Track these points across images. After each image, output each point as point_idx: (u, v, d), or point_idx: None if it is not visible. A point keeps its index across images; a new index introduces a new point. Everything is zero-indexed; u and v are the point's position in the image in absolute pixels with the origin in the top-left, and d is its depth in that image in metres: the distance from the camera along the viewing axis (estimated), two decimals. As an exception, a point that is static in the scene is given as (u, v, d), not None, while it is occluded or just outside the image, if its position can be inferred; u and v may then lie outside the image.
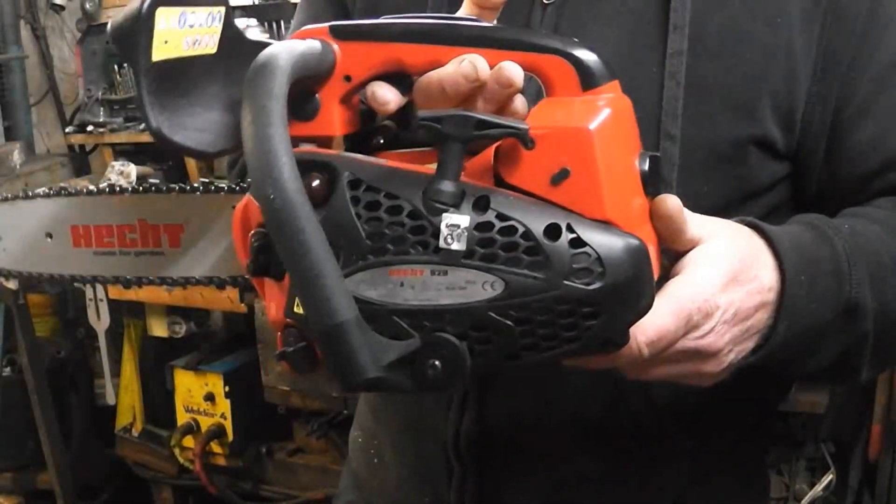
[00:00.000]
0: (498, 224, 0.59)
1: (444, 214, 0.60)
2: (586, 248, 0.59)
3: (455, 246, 0.60)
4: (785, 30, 0.80)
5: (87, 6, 3.10)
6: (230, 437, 2.51)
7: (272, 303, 0.65)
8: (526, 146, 0.60)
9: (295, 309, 0.63)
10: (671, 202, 0.64)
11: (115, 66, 2.90)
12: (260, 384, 2.39)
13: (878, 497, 2.03)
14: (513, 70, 0.63)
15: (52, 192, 0.91)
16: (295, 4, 2.84)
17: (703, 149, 0.80)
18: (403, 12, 0.70)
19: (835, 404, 1.99)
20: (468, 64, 0.63)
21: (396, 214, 0.60)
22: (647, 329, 0.64)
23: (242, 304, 2.30)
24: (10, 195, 0.94)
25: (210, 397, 2.50)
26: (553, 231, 0.59)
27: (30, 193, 0.92)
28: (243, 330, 2.62)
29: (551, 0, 0.85)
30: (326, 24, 0.65)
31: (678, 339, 0.66)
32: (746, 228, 0.73)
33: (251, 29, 2.78)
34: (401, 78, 0.66)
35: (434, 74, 0.65)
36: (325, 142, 0.67)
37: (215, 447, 2.53)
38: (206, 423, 2.53)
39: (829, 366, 0.77)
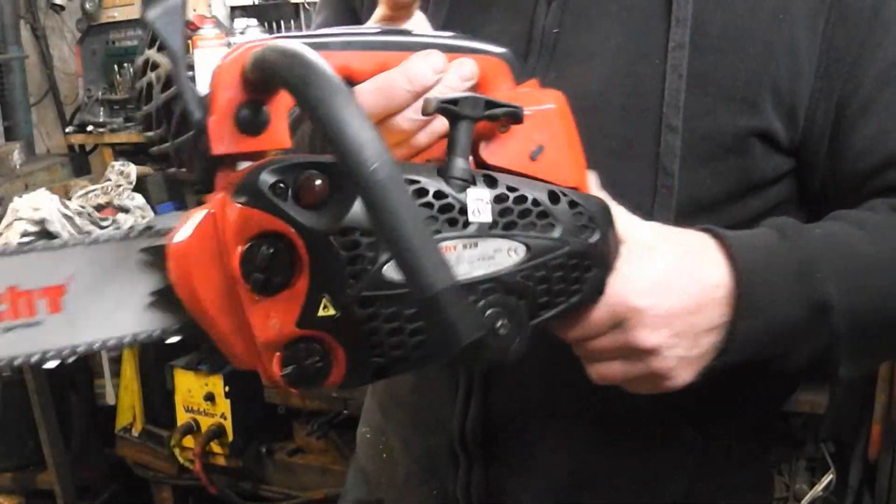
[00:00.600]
0: (510, 195, 0.65)
1: (469, 189, 0.64)
2: (580, 208, 0.68)
3: (482, 218, 0.64)
4: (788, 25, 0.80)
5: (87, 6, 3.10)
6: (230, 437, 2.51)
7: (273, 320, 0.60)
8: (520, 122, 0.67)
9: (321, 313, 0.60)
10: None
11: (115, 66, 2.90)
12: (260, 384, 2.38)
13: (878, 497, 2.03)
14: (472, 65, 0.70)
15: None
16: (295, 5, 2.85)
17: (704, 140, 0.81)
18: None
19: (835, 404, 1.99)
20: (437, 56, 0.68)
21: (423, 196, 0.62)
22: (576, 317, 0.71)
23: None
24: None
25: (210, 397, 2.50)
26: (554, 197, 0.67)
27: None
28: (243, 330, 2.62)
29: None
30: (273, 36, 0.65)
31: (604, 331, 0.71)
32: (697, 232, 0.76)
33: (251, 29, 2.78)
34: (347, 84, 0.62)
35: (398, 70, 0.67)
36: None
37: (215, 447, 2.53)
38: (206, 423, 2.53)
39: (804, 365, 0.78)
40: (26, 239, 0.72)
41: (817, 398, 1.90)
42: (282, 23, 2.87)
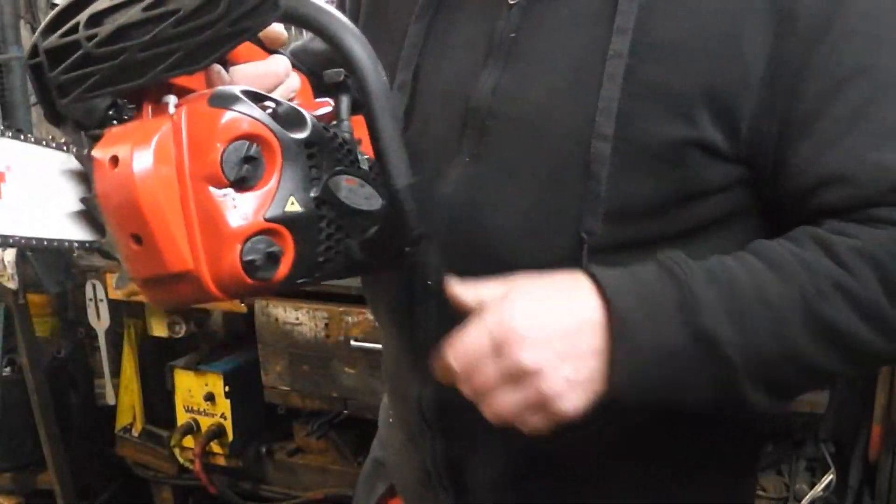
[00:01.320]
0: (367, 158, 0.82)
1: (357, 146, 0.82)
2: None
3: (365, 167, 0.81)
4: (735, 36, 0.80)
5: (87, 6, 3.10)
6: (230, 437, 2.51)
7: (243, 212, 0.70)
8: None
9: (288, 208, 0.72)
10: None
11: (115, 66, 2.90)
12: (260, 384, 2.39)
13: (878, 497, 2.03)
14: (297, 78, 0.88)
15: None
16: (295, 4, 2.84)
17: (638, 149, 0.82)
18: (403, 12, 0.96)
19: (835, 404, 1.99)
20: (284, 61, 0.85)
21: (340, 141, 0.79)
22: (456, 345, 0.75)
23: (242, 305, 2.31)
24: None
25: (210, 397, 2.50)
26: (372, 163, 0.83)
27: None
28: (243, 330, 2.62)
29: (516, 1, 0.90)
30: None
31: (486, 356, 0.74)
32: (567, 274, 0.79)
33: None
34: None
35: (251, 66, 0.82)
36: None
37: (215, 447, 2.53)
38: (206, 423, 2.53)
39: (710, 400, 0.78)
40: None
41: (817, 398, 1.90)
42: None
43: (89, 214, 0.77)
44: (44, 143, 0.77)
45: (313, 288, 2.07)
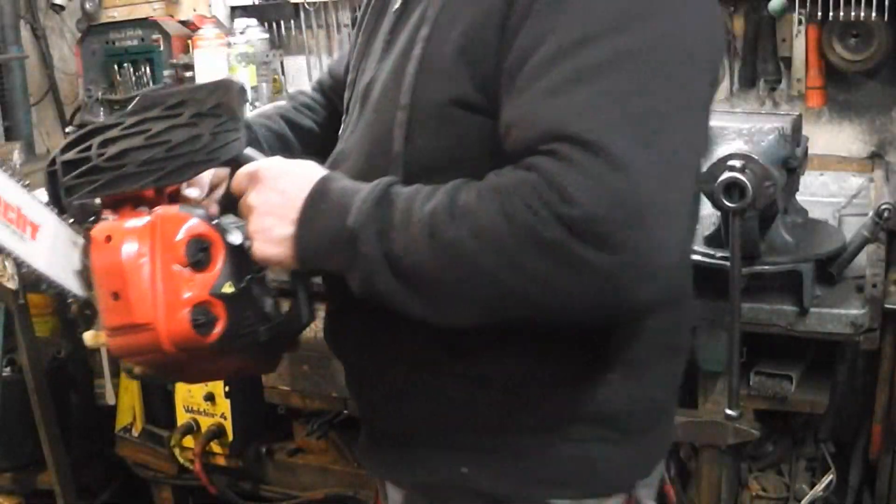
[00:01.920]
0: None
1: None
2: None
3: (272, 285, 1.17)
4: (485, 13, 1.01)
5: (87, 6, 3.09)
6: (230, 437, 2.51)
7: (194, 288, 1.01)
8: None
9: (224, 289, 1.04)
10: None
11: (115, 66, 2.90)
12: (260, 384, 2.39)
13: (878, 497, 2.03)
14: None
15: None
16: (295, 5, 2.85)
17: (424, 113, 1.07)
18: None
19: (835, 404, 1.99)
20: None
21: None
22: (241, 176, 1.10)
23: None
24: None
25: (210, 397, 2.50)
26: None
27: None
28: (243, 330, 2.62)
29: (395, 8, 1.19)
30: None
31: (243, 187, 1.08)
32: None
33: (251, 29, 2.77)
34: None
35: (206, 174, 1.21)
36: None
37: (215, 447, 2.53)
38: (206, 423, 2.52)
39: (358, 287, 1.00)
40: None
41: (817, 398, 1.90)
42: (282, 23, 2.87)
43: (84, 274, 1.10)
44: (63, 217, 1.12)
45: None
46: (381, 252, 0.97)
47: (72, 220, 1.10)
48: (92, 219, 1.08)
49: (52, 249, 1.10)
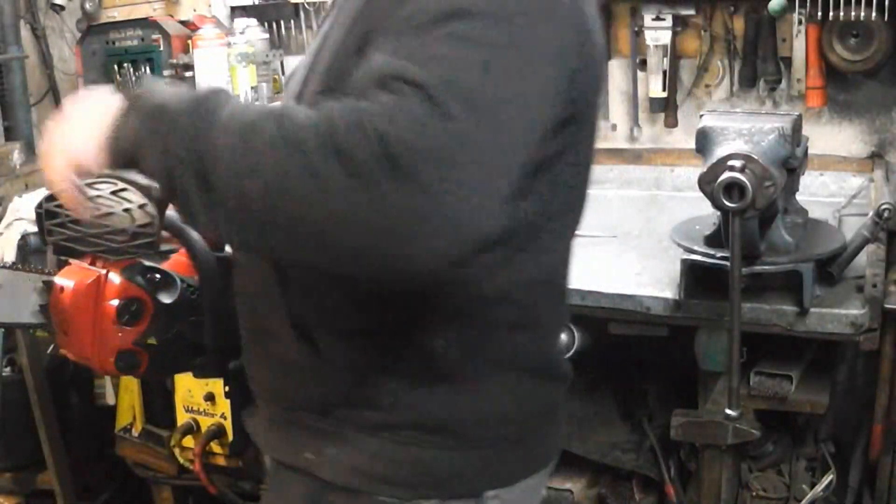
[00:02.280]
0: None
1: None
2: None
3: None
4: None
5: (87, 6, 3.10)
6: (230, 437, 2.51)
7: (121, 338, 1.23)
8: None
9: (149, 341, 1.25)
10: None
11: (115, 66, 2.90)
12: (260, 384, 2.39)
13: (878, 497, 2.03)
14: None
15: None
16: (295, 5, 2.85)
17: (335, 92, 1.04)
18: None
19: (835, 404, 1.99)
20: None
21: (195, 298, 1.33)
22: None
23: (242, 304, 2.30)
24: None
25: (210, 397, 2.50)
26: None
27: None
28: (243, 330, 2.62)
29: (330, 11, 1.23)
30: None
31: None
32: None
33: (251, 29, 2.78)
34: None
35: None
36: None
37: (215, 447, 2.53)
38: (206, 423, 2.52)
39: (163, 171, 0.98)
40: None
41: (817, 398, 1.90)
42: (282, 23, 2.87)
43: (44, 309, 1.33)
44: (25, 269, 1.40)
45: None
46: (191, 126, 0.95)
47: (56, 254, 1.28)
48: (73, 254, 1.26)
49: (11, 300, 1.37)
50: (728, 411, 1.71)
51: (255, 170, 0.91)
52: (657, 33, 2.51)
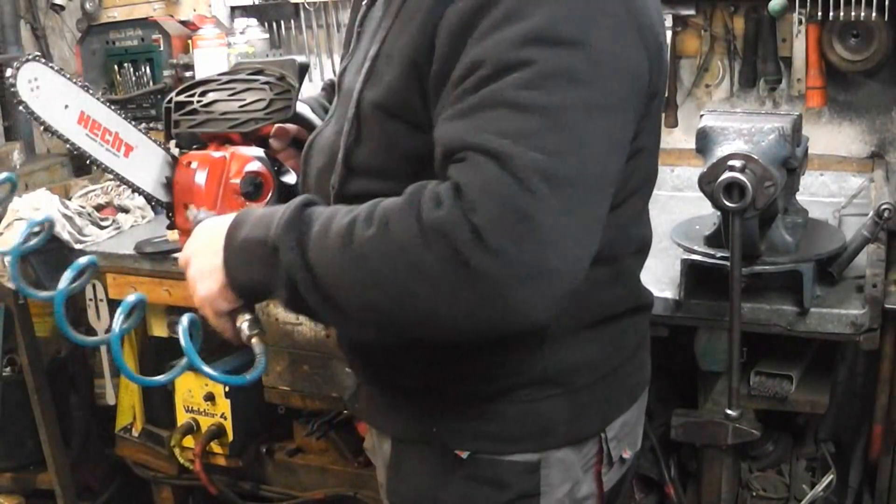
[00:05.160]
0: None
1: None
2: None
3: None
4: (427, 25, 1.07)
5: (87, 6, 3.09)
6: (230, 437, 2.51)
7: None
8: None
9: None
10: None
11: (115, 66, 2.90)
12: (260, 384, 2.39)
13: (879, 497, 2.03)
14: None
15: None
16: (295, 5, 2.84)
17: (365, 112, 1.15)
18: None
19: (835, 404, 1.99)
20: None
21: None
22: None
23: (242, 304, 2.30)
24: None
25: (210, 397, 2.50)
26: None
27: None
28: (243, 330, 2.62)
29: (361, 10, 1.27)
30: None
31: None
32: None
33: (251, 29, 2.77)
34: None
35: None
36: None
37: (215, 447, 2.53)
38: (206, 423, 2.53)
39: (286, 296, 1.07)
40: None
41: (817, 398, 1.90)
42: (282, 23, 2.87)
43: (168, 185, 1.40)
44: (158, 143, 1.44)
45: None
46: (300, 259, 1.03)
47: (178, 145, 1.40)
48: (195, 146, 1.39)
49: (140, 166, 1.39)
50: (728, 411, 1.71)
51: (364, 281, 1.00)
52: (657, 33, 2.50)
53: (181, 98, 1.37)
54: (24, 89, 1.26)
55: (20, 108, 1.28)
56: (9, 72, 1.27)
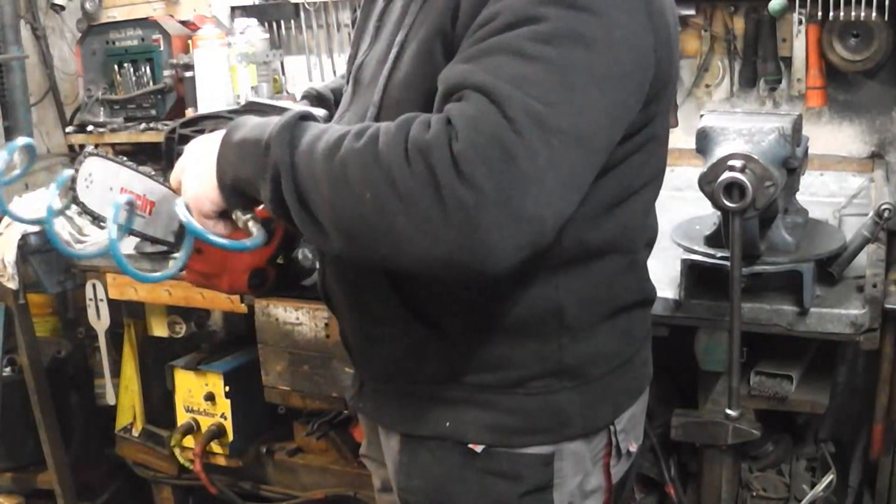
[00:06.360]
0: None
1: None
2: None
3: None
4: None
5: (87, 6, 3.09)
6: (230, 437, 2.51)
7: (254, 260, 1.36)
8: None
9: (278, 260, 1.41)
10: None
11: (115, 66, 2.90)
12: (260, 384, 2.39)
13: (879, 497, 2.03)
14: None
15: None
16: (295, 4, 2.85)
17: (394, 97, 1.17)
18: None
19: (835, 404, 1.99)
20: None
21: None
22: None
23: (242, 305, 2.31)
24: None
25: (210, 397, 2.50)
26: None
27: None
28: (243, 330, 2.62)
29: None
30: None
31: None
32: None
33: (251, 29, 2.77)
34: None
35: None
36: None
37: (215, 447, 2.53)
38: (206, 423, 2.53)
39: (269, 196, 1.07)
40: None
41: (817, 398, 1.90)
42: (282, 23, 2.87)
43: (179, 231, 1.30)
44: (160, 181, 1.33)
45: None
46: (288, 157, 1.05)
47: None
48: None
49: (158, 217, 1.31)
50: (728, 411, 1.71)
51: (339, 189, 1.01)
52: (657, 33, 2.50)
53: (185, 131, 1.36)
54: (81, 186, 1.24)
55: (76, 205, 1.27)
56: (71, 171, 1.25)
